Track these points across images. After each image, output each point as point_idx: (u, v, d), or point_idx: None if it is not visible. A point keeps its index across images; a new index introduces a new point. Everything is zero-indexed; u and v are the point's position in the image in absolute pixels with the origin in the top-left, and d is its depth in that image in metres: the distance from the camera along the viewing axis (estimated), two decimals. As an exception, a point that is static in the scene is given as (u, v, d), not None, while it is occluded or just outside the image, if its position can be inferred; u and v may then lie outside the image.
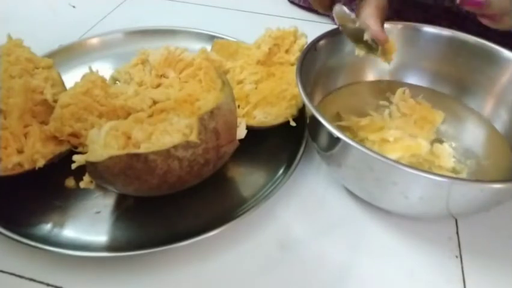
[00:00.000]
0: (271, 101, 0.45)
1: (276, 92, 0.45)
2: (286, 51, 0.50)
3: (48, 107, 0.42)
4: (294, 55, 0.50)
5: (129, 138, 0.35)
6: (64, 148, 0.40)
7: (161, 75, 0.46)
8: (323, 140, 0.37)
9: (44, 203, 0.39)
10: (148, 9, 0.72)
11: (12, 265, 0.35)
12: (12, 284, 0.34)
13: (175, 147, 0.32)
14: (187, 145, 0.33)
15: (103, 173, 0.33)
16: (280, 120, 0.44)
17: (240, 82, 0.47)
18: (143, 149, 0.33)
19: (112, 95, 0.43)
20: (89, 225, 0.37)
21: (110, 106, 0.42)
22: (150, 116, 0.38)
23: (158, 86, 0.46)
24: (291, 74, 0.47)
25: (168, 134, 0.34)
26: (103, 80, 0.43)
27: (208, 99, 0.37)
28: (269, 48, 0.49)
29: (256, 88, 0.46)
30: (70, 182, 0.40)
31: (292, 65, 0.49)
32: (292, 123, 0.44)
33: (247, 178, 0.42)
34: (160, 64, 0.46)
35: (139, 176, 0.32)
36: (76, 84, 0.42)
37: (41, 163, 0.38)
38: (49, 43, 0.55)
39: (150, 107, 0.41)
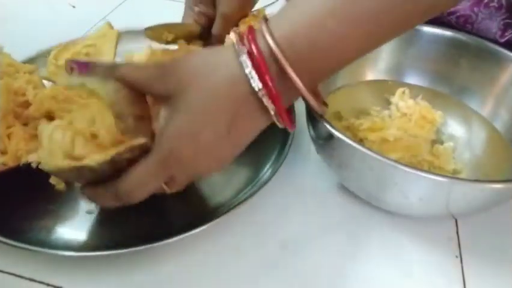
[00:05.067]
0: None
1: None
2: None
3: None
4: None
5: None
6: None
7: None
8: (323, 140, 0.37)
9: (36, 207, 0.38)
10: (148, 9, 0.72)
11: (12, 265, 0.35)
12: (12, 284, 0.34)
13: (119, 153, 0.29)
14: (130, 149, 0.30)
15: (58, 175, 0.35)
16: None
17: None
18: (87, 160, 0.29)
19: None
20: (82, 225, 0.37)
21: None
22: None
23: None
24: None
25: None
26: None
27: None
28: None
29: None
30: (60, 185, 0.40)
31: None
32: None
33: (247, 177, 0.42)
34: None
35: (95, 180, 0.31)
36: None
37: (25, 158, 0.37)
38: (48, 43, 0.54)
39: None
